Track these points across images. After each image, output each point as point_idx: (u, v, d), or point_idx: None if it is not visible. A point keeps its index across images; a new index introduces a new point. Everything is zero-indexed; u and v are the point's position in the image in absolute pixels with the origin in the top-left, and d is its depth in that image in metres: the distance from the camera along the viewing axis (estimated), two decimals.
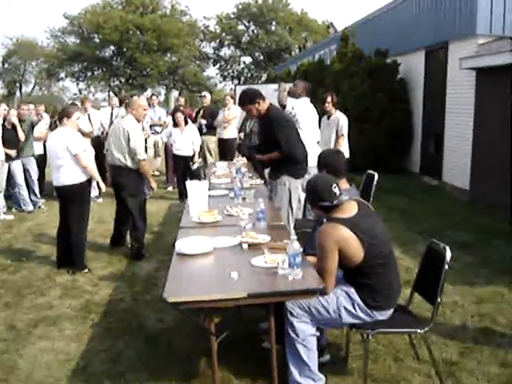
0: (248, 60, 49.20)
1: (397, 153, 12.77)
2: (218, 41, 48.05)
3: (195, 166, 9.79)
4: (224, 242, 3.89)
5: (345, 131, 8.00)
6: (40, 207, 9.47)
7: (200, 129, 10.79)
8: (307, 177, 5.17)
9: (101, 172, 6.92)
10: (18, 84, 56.28)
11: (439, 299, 3.36)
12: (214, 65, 49.23)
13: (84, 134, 8.10)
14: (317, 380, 3.32)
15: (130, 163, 6.33)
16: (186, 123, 9.92)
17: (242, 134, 9.69)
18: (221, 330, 3.33)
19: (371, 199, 6.18)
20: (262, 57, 47.57)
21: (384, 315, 3.38)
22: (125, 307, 5.02)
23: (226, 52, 49.08)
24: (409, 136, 12.74)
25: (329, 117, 8.18)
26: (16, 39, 53.46)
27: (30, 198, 9.38)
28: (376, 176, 6.28)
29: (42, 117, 10.39)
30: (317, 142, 7.18)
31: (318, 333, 3.35)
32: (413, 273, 4.64)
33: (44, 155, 10.28)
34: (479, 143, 9.45)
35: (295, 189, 5.45)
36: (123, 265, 6.30)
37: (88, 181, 6.05)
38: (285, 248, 3.33)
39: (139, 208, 6.54)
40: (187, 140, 9.81)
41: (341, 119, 8.01)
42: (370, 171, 6.55)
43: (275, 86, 9.51)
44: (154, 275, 5.90)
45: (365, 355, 3.41)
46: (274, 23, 46.61)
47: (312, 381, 3.30)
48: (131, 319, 4.72)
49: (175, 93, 41.75)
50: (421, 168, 12.33)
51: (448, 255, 3.32)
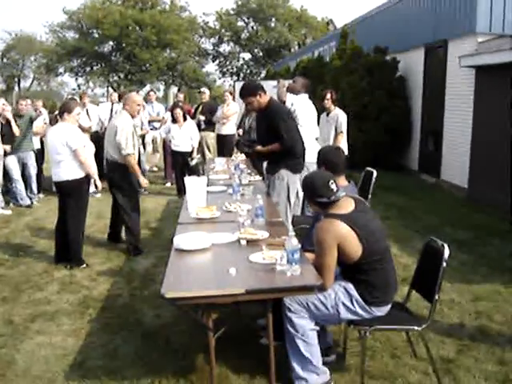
0: (247, 56, 49.11)
1: (395, 150, 12.78)
2: (218, 37, 47.89)
3: (194, 162, 9.80)
4: (222, 238, 3.89)
5: (344, 128, 7.99)
6: (33, 203, 9.40)
7: (199, 125, 10.80)
8: (306, 173, 5.17)
9: (100, 168, 6.92)
10: (17, 79, 56.24)
11: (437, 297, 3.36)
12: (213, 61, 49.11)
13: (83, 130, 8.09)
14: (320, 373, 3.32)
15: (121, 158, 6.33)
16: (185, 119, 9.92)
17: (241, 131, 9.68)
18: (218, 326, 3.32)
19: (369, 196, 6.19)
20: (262, 53, 47.44)
21: (382, 311, 3.38)
22: (123, 303, 5.02)
23: (226, 48, 48.97)
24: (407, 133, 12.74)
25: (328, 113, 8.17)
26: (15, 34, 53.49)
27: (26, 193, 9.37)
28: (375, 173, 6.28)
29: (41, 112, 10.36)
30: (315, 139, 7.18)
31: (318, 327, 3.35)
32: (410, 270, 4.65)
33: (41, 150, 10.28)
34: (478, 141, 9.46)
35: (293, 183, 5.45)
36: (121, 260, 6.30)
37: (87, 176, 6.04)
38: (283, 244, 3.33)
39: (131, 203, 6.51)
40: (186, 136, 9.80)
41: (340, 116, 8.00)
42: (369, 168, 6.55)
43: (274, 83, 9.53)
44: (152, 271, 5.90)
45: (362, 352, 3.42)
46: (274, 20, 46.46)
47: (315, 375, 3.30)
48: (129, 315, 4.72)
49: (174, 89, 41.75)
50: (419, 165, 12.33)
51: (446, 253, 3.32)
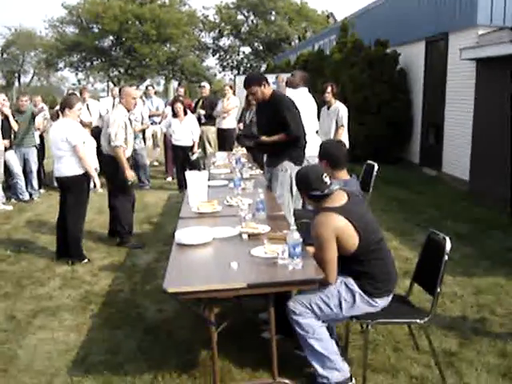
0: (247, 50, 49.00)
1: (396, 143, 12.76)
2: (218, 31, 47.77)
3: (194, 157, 9.79)
4: (224, 233, 3.89)
5: (345, 122, 7.97)
6: (33, 199, 9.42)
7: (199, 119, 10.78)
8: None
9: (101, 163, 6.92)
10: (17, 74, 56.16)
11: (439, 290, 3.35)
12: (214, 55, 49.01)
13: (84, 125, 8.08)
14: (340, 370, 3.29)
15: (110, 150, 6.39)
16: (186, 113, 9.89)
17: (242, 125, 9.66)
18: (220, 321, 3.33)
19: (371, 190, 6.18)
20: (262, 47, 47.33)
21: (385, 301, 3.38)
22: (124, 298, 5.02)
23: (226, 42, 48.86)
24: (408, 126, 12.72)
25: (329, 107, 8.14)
26: (14, 29, 53.38)
27: (26, 189, 9.37)
28: (376, 166, 6.27)
29: (43, 108, 10.35)
30: (316, 132, 7.17)
31: (326, 324, 3.35)
32: (412, 263, 4.65)
33: (41, 146, 10.27)
34: (479, 134, 9.44)
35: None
36: (122, 255, 6.30)
37: (88, 172, 6.03)
38: (285, 238, 3.33)
39: (122, 196, 6.57)
40: (186, 130, 9.78)
41: (341, 110, 7.98)
42: (370, 162, 6.54)
43: (273, 78, 9.49)
44: (154, 266, 5.90)
45: (364, 345, 3.42)
46: (274, 13, 46.33)
47: (336, 371, 3.28)
48: (131, 310, 4.73)
49: (175, 83, 41.68)
50: (420, 159, 12.31)
51: (448, 246, 3.31)
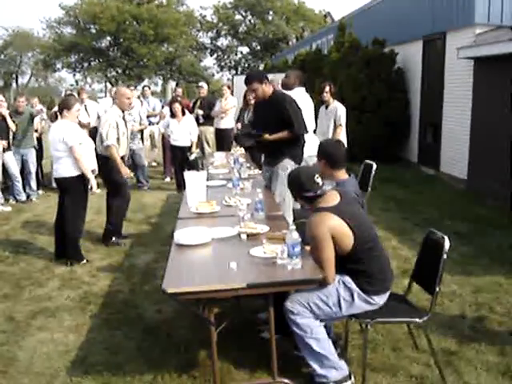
0: (245, 50, 48.98)
1: (394, 142, 12.75)
2: (215, 31, 47.74)
3: (193, 157, 9.79)
4: (222, 233, 3.89)
5: (343, 121, 7.97)
6: (32, 200, 9.41)
7: (197, 119, 10.78)
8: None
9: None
10: (15, 75, 56.06)
11: (438, 289, 3.36)
12: (211, 55, 48.99)
13: (82, 126, 8.07)
14: (338, 368, 3.30)
15: (104, 151, 6.44)
16: (184, 114, 9.90)
17: (240, 125, 9.66)
18: (220, 321, 3.33)
19: (369, 189, 6.19)
20: (259, 47, 47.30)
21: (382, 298, 3.38)
22: (123, 298, 5.02)
23: (223, 42, 48.82)
24: (406, 126, 12.71)
25: (327, 106, 8.14)
26: (12, 30, 53.24)
27: (24, 189, 9.36)
28: (374, 166, 6.27)
29: (42, 110, 10.33)
30: (313, 132, 7.16)
31: (323, 323, 3.35)
32: (411, 262, 4.64)
33: (39, 147, 10.27)
34: (477, 133, 9.44)
35: None
36: (121, 256, 6.30)
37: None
38: (283, 238, 3.33)
39: (119, 196, 6.61)
40: (185, 130, 9.79)
41: (339, 109, 7.98)
42: (368, 161, 6.53)
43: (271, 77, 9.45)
44: (153, 266, 5.90)
45: (364, 345, 3.42)
46: (271, 13, 46.32)
47: (334, 370, 3.29)
48: (130, 310, 4.73)
49: (172, 83, 41.63)
50: (418, 158, 12.31)
51: (446, 245, 3.31)
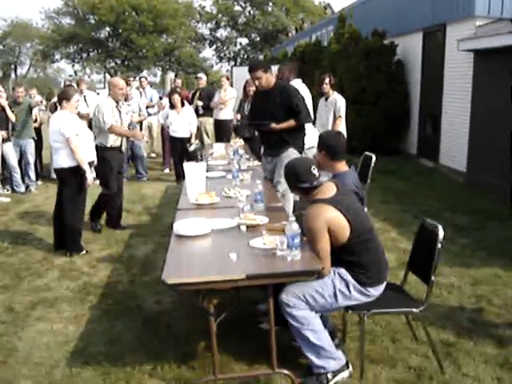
0: (244, 41, 48.86)
1: (393, 134, 12.74)
2: (214, 22, 47.58)
3: (192, 148, 9.75)
4: (222, 224, 3.89)
5: (342, 113, 7.96)
6: (31, 190, 9.41)
7: (196, 110, 10.75)
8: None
9: None
10: (13, 66, 55.91)
11: (433, 278, 3.37)
12: (210, 46, 48.87)
13: (81, 116, 8.05)
14: (336, 358, 3.31)
15: (99, 140, 6.56)
16: (183, 105, 9.87)
17: (239, 116, 9.63)
18: (219, 312, 3.33)
19: (368, 181, 6.18)
20: (259, 38, 47.15)
21: (377, 290, 3.39)
22: (122, 289, 5.03)
23: (222, 33, 48.71)
24: (406, 118, 12.70)
25: (326, 98, 8.13)
26: (11, 20, 53.15)
27: (23, 180, 9.35)
28: (373, 158, 6.26)
29: (42, 102, 10.30)
30: (312, 123, 7.13)
31: (319, 314, 3.36)
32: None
33: (38, 138, 10.25)
34: (476, 125, 9.44)
35: None
36: (121, 247, 6.31)
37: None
38: (283, 229, 3.33)
39: (109, 185, 6.67)
40: (184, 122, 9.77)
41: (338, 100, 7.97)
42: (368, 153, 6.52)
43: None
44: (152, 257, 5.90)
45: (361, 336, 3.43)
46: (271, 4, 46.15)
47: (332, 360, 3.29)
48: (129, 301, 4.73)
49: (171, 74, 41.49)
50: (418, 150, 12.31)
51: (441, 234, 3.32)
